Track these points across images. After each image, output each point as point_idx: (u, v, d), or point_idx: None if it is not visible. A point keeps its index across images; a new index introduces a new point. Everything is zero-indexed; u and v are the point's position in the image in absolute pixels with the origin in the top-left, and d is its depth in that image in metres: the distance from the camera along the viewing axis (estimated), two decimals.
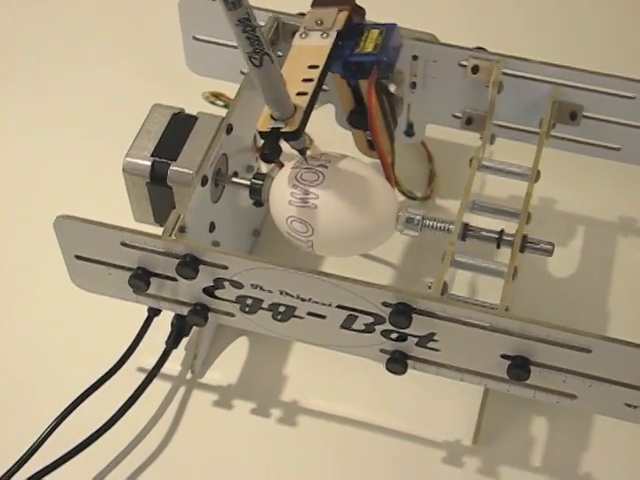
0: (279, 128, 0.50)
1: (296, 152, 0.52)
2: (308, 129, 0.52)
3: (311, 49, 0.54)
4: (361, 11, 0.57)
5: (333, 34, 0.55)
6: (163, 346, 0.57)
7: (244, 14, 0.45)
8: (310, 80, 0.52)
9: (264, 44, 0.46)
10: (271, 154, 0.50)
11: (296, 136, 0.50)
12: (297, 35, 0.55)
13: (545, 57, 0.58)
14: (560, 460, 0.55)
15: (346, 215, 0.52)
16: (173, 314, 0.56)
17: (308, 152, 0.53)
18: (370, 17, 0.57)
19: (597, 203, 0.65)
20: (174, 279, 0.51)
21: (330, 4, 0.56)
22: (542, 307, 0.60)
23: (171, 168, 0.54)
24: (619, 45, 0.75)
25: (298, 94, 0.51)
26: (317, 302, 0.49)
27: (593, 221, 0.65)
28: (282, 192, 0.54)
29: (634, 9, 0.78)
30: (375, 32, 0.56)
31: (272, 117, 0.50)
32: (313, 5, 0.57)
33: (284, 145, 0.51)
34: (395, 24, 0.56)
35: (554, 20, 0.77)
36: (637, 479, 0.55)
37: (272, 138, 0.50)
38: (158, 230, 0.51)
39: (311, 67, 0.53)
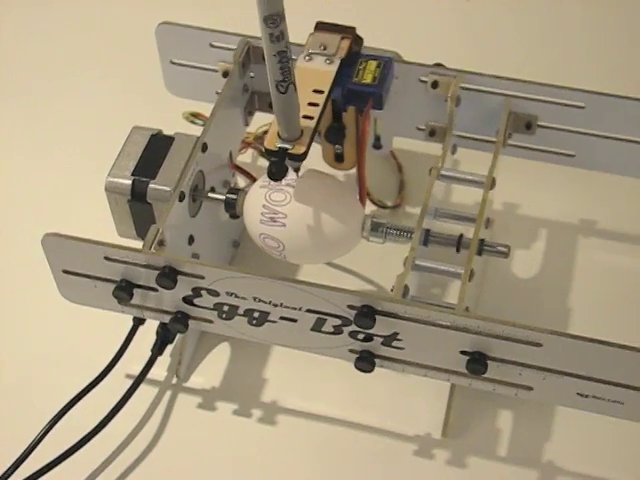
0: (287, 149, 0.52)
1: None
2: None
3: (316, 73, 0.57)
4: (360, 41, 0.59)
5: (337, 61, 0.57)
6: (149, 353, 0.59)
7: (283, 47, 0.47)
8: (316, 105, 0.55)
9: (292, 74, 0.49)
10: (278, 173, 0.53)
11: (302, 158, 0.53)
12: (301, 57, 0.57)
13: (500, 71, 0.60)
14: (524, 450, 0.58)
15: (313, 230, 0.56)
16: (158, 323, 0.59)
17: None
18: None
19: (558, 207, 0.68)
20: (155, 289, 0.54)
21: (333, 30, 0.58)
22: (507, 307, 0.63)
23: (150, 186, 0.56)
24: (569, 57, 0.77)
25: (304, 117, 0.53)
26: (288, 307, 0.52)
27: (555, 224, 0.67)
28: (254, 210, 0.57)
29: (582, 23, 0.80)
30: (373, 64, 0.58)
31: (279, 136, 0.53)
32: (316, 29, 0.59)
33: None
34: (391, 58, 0.59)
35: (507, 36, 0.79)
36: (596, 465, 0.57)
37: (279, 157, 0.53)
38: (140, 244, 0.53)
39: (316, 91, 0.55)
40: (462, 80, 0.60)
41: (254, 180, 0.60)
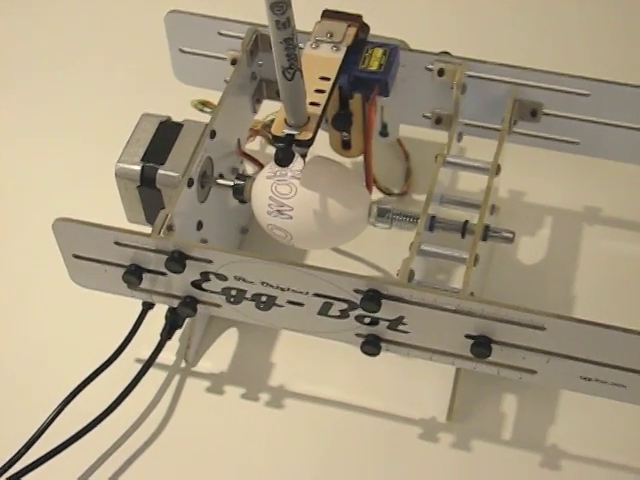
0: (293, 135, 0.53)
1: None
2: None
3: (322, 60, 0.57)
4: (366, 28, 0.60)
5: (343, 49, 0.58)
6: (158, 338, 0.60)
7: (290, 34, 0.48)
8: (322, 91, 0.55)
9: (299, 61, 0.50)
10: (285, 158, 0.53)
11: (309, 144, 0.54)
12: (308, 44, 0.58)
13: (505, 59, 0.61)
14: (529, 434, 0.59)
15: (320, 217, 0.57)
16: (167, 308, 0.60)
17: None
18: None
19: (563, 195, 0.69)
20: (164, 274, 0.55)
21: (340, 18, 0.59)
22: (512, 294, 0.63)
23: (159, 172, 0.57)
24: (574, 45, 0.78)
25: (311, 104, 0.54)
26: (295, 291, 0.53)
27: (560, 211, 0.68)
28: (261, 201, 0.58)
29: (586, 11, 0.81)
30: (379, 51, 0.59)
31: (286, 122, 0.53)
32: (323, 16, 0.60)
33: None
34: (397, 45, 0.60)
35: (513, 23, 0.80)
36: (600, 449, 0.58)
37: (286, 143, 0.53)
38: (149, 230, 0.54)
39: (323, 78, 0.56)
40: (467, 68, 0.61)
41: (262, 167, 0.61)
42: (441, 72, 0.61)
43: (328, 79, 0.56)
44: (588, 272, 0.65)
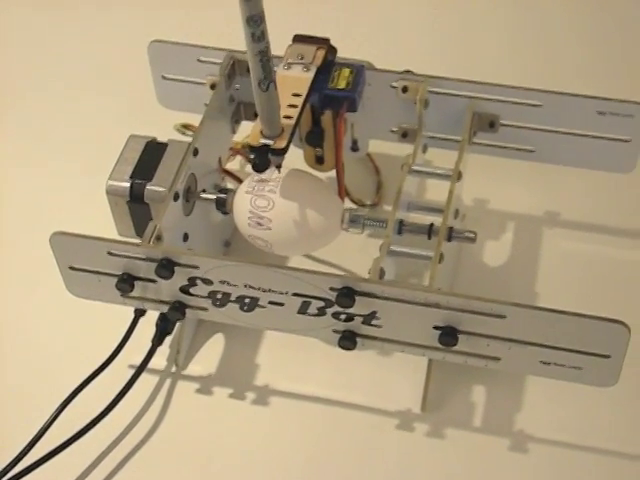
0: (269, 144, 0.58)
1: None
2: None
3: (294, 79, 0.61)
4: (334, 50, 0.64)
5: (313, 69, 0.62)
6: (149, 344, 0.63)
7: (264, 47, 0.52)
8: (295, 106, 0.60)
9: (273, 73, 0.54)
10: (261, 164, 0.58)
11: (283, 152, 0.58)
12: (280, 66, 0.62)
13: (464, 75, 0.66)
14: (498, 420, 0.63)
15: (297, 226, 0.61)
16: (157, 316, 0.63)
17: (263, 175, 0.61)
18: None
19: (524, 200, 0.73)
20: (154, 281, 0.59)
21: (309, 42, 0.64)
22: (479, 291, 0.67)
23: (147, 187, 0.62)
24: (527, 59, 0.84)
25: (285, 117, 0.59)
26: (276, 292, 0.57)
27: (521, 216, 0.72)
28: (241, 214, 0.62)
29: (535, 26, 0.87)
30: (347, 70, 0.64)
31: (262, 133, 0.58)
32: (294, 41, 0.64)
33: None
34: (363, 65, 0.64)
35: (470, 41, 0.86)
36: (565, 432, 0.62)
37: (262, 152, 0.58)
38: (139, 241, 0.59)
39: (295, 95, 0.61)
40: (429, 84, 0.65)
41: (239, 181, 0.65)
42: (405, 89, 0.66)
43: (299, 95, 0.61)
44: (548, 271, 0.69)
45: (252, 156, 0.58)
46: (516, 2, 0.89)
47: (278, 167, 0.59)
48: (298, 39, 0.64)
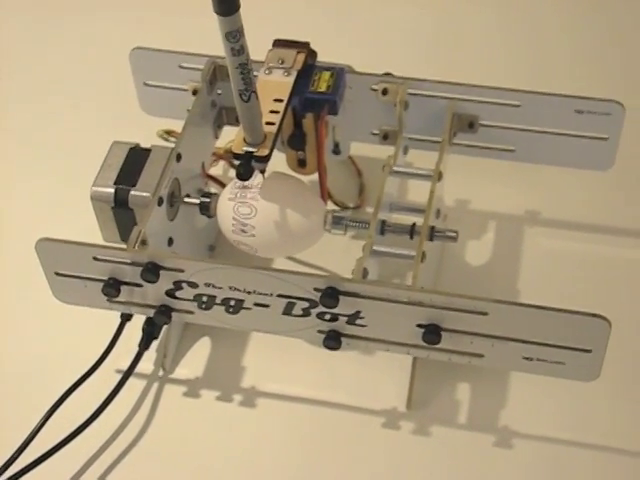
0: (252, 152, 0.58)
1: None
2: None
3: (275, 84, 0.62)
4: (314, 54, 0.65)
5: (294, 73, 0.63)
6: (136, 349, 0.64)
7: (244, 60, 0.54)
8: (276, 112, 0.61)
9: (254, 84, 0.55)
10: (245, 173, 0.59)
11: (266, 159, 0.59)
12: (262, 70, 0.63)
13: (443, 76, 0.67)
14: (482, 417, 0.64)
15: (281, 229, 0.62)
16: (144, 320, 0.64)
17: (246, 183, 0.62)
18: None
19: (504, 200, 0.74)
20: (140, 285, 0.59)
21: (289, 46, 0.65)
22: (462, 290, 0.68)
23: (131, 193, 0.62)
24: (504, 59, 0.85)
25: (267, 123, 0.59)
26: (261, 293, 0.58)
27: (502, 215, 0.73)
28: (225, 220, 0.63)
29: (513, 28, 0.88)
30: (327, 74, 0.64)
31: (245, 141, 0.59)
32: (274, 45, 0.65)
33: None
34: (343, 68, 0.65)
35: (448, 42, 0.87)
36: (548, 427, 0.63)
37: (246, 160, 0.59)
38: (124, 246, 0.59)
39: (276, 100, 0.61)
40: (408, 86, 0.66)
41: (222, 185, 0.66)
42: (385, 91, 0.66)
43: (281, 101, 0.61)
44: (529, 269, 0.70)
45: (236, 163, 0.59)
46: (495, 4, 0.90)
47: (262, 172, 0.60)
48: (278, 44, 0.65)
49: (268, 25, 0.74)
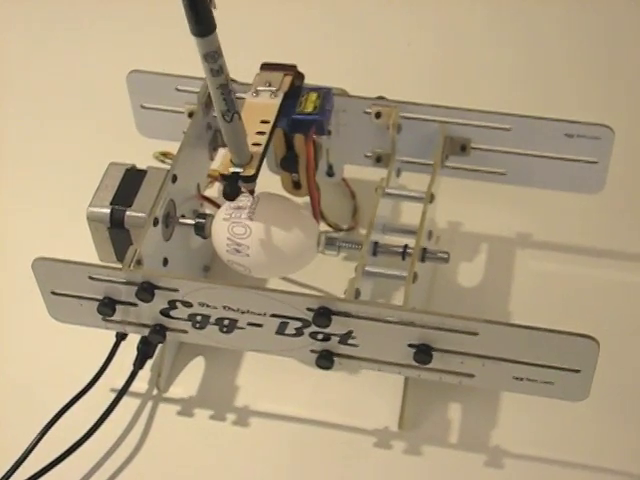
0: (239, 172, 0.59)
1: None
2: None
3: (262, 106, 0.63)
4: (301, 76, 0.66)
5: (280, 95, 0.64)
6: (131, 368, 0.64)
7: (224, 80, 0.54)
8: (263, 133, 0.61)
9: (235, 105, 0.56)
10: (232, 193, 0.59)
11: (253, 179, 0.60)
12: (249, 93, 0.64)
13: (436, 100, 0.68)
14: (474, 437, 0.64)
15: (275, 250, 0.62)
16: (138, 340, 0.64)
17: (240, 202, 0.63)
18: None
19: (496, 222, 0.75)
20: (135, 304, 0.60)
21: (276, 69, 0.65)
22: (453, 311, 0.69)
23: (127, 213, 0.63)
24: (496, 83, 0.86)
25: (253, 144, 0.60)
26: (254, 313, 0.58)
27: (494, 238, 0.74)
28: (220, 240, 0.63)
29: (505, 53, 0.89)
30: (314, 95, 0.65)
31: (232, 162, 0.59)
32: (262, 69, 0.66)
33: None
34: (330, 88, 0.66)
35: (440, 67, 0.88)
36: (539, 447, 0.63)
37: (233, 180, 0.59)
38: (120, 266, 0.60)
39: (263, 122, 0.62)
40: (401, 110, 0.67)
41: (217, 206, 0.67)
42: (378, 115, 0.67)
43: (268, 122, 0.62)
44: (520, 290, 0.71)
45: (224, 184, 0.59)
46: (487, 28, 0.92)
47: (251, 192, 0.61)
48: (265, 67, 0.66)
49: (261, 48, 0.75)
